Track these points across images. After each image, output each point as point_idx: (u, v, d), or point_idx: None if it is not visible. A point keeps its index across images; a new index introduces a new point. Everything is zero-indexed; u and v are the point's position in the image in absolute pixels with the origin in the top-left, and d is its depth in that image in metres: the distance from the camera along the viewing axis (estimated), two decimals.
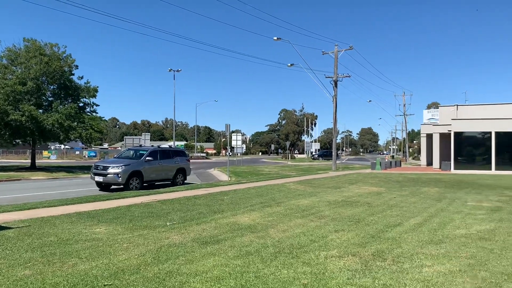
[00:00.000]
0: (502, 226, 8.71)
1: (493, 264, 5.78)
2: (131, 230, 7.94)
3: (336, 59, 34.64)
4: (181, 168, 20.12)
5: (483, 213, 10.67)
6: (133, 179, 17.12)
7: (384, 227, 8.55)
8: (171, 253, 6.25)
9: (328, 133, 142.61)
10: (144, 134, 41.71)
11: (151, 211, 10.35)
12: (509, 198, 14.11)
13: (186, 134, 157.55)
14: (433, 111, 52.02)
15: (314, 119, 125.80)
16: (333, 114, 35.38)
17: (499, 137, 30.37)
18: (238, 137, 35.75)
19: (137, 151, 19.24)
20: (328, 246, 6.84)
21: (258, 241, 7.13)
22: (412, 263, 5.86)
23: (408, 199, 13.70)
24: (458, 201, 13.10)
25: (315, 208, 11.22)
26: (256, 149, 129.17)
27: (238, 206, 11.50)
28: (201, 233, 7.76)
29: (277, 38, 30.90)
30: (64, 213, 9.91)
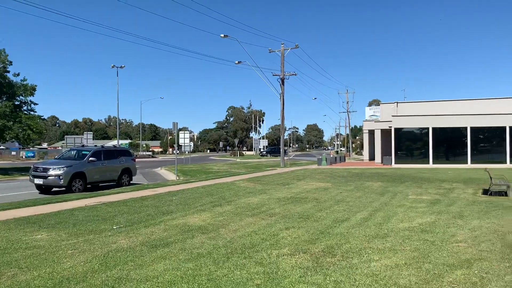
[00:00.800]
0: (441, 218, 9.20)
1: (435, 256, 6.08)
2: (76, 236, 7.58)
3: (283, 57, 35.06)
4: (126, 168, 19.53)
5: (424, 206, 11.22)
6: (76, 181, 16.39)
7: (332, 223, 8.76)
8: (119, 258, 6.03)
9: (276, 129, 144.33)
10: (86, 133, 40.14)
11: (96, 215, 9.94)
12: (446, 190, 14.95)
13: (130, 132, 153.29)
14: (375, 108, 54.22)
15: (262, 116, 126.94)
16: (280, 112, 35.81)
17: (436, 132, 32.11)
18: (185, 135, 35.17)
19: (80, 151, 18.44)
20: (279, 244, 6.90)
21: (210, 242, 7.06)
22: (361, 258, 6.04)
23: (353, 193, 14.14)
24: (400, 195, 13.70)
25: (265, 206, 11.29)
26: (204, 146, 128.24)
27: (187, 206, 11.33)
28: (150, 236, 7.56)
29: (224, 35, 30.78)
30: (1, 219, 9.29)
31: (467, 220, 8.96)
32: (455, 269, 5.47)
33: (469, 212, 10.01)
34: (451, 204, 11.54)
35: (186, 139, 34.97)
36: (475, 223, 8.60)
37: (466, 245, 6.75)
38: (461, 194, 13.92)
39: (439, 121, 32.22)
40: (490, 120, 31.40)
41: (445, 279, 5.06)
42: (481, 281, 4.99)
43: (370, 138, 44.36)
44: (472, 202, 11.92)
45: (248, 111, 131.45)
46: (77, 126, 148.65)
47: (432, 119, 32.40)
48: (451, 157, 32.43)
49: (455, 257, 6.04)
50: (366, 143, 46.32)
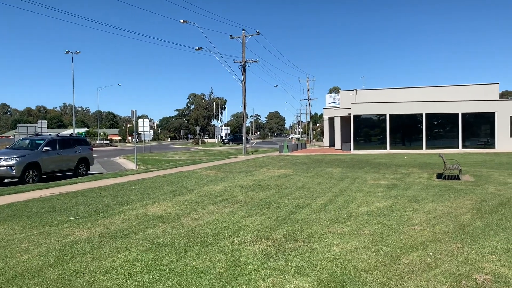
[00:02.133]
0: (398, 202, 9.50)
1: (393, 239, 6.28)
2: (30, 228, 7.28)
3: (244, 44, 34.86)
4: (83, 157, 18.93)
5: (381, 190, 11.55)
6: (29, 171, 15.73)
7: (294, 209, 8.86)
8: (76, 250, 5.85)
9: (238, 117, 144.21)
10: (41, 121, 38.58)
11: (52, 206, 9.59)
12: (403, 175, 15.45)
13: (87, 120, 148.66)
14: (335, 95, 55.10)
15: (224, 103, 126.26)
16: (242, 99, 35.73)
17: (392, 119, 33.05)
18: (145, 123, 34.53)
19: (33, 140, 17.67)
20: (242, 231, 6.91)
21: (171, 231, 6.96)
22: (321, 243, 6.14)
23: (314, 180, 14.35)
24: (359, 180, 14.03)
25: (227, 194, 11.27)
26: (164, 134, 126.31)
27: (148, 196, 11.13)
28: (109, 227, 7.37)
29: (183, 20, 30.18)
30: None
31: (422, 204, 9.30)
32: (411, 251, 5.66)
33: (424, 196, 10.39)
34: (407, 188, 11.94)
35: (145, 127, 34.33)
36: (430, 206, 8.94)
37: (422, 227, 7.01)
38: (416, 178, 14.42)
39: (396, 108, 33.16)
40: (444, 107, 32.63)
41: (402, 261, 5.23)
42: (436, 262, 5.20)
43: (330, 125, 45.11)
44: (427, 186, 12.38)
45: (210, 99, 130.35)
46: (30, 114, 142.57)
47: (389, 106, 33.30)
48: (407, 142, 33.52)
49: (411, 239, 6.25)
50: (326, 130, 47.09)
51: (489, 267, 5.01)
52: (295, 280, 4.63)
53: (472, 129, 32.64)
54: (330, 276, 4.74)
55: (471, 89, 35.88)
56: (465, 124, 32.30)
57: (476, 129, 32.77)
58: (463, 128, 32.24)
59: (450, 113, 32.51)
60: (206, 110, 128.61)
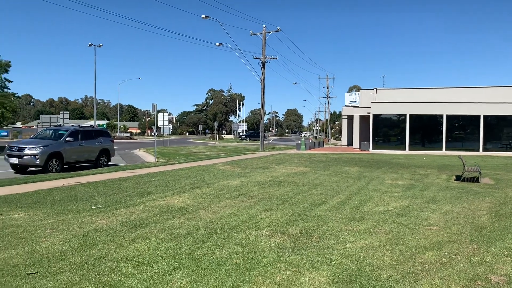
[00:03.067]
0: (415, 203, 9.49)
1: (409, 238, 6.31)
2: (54, 215, 7.54)
3: (264, 40, 34.90)
4: (104, 149, 19.31)
5: (399, 190, 11.53)
6: (52, 161, 16.15)
7: (310, 206, 8.94)
8: (98, 238, 6.05)
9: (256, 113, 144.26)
10: (63, 112, 39.39)
11: (74, 195, 9.88)
12: (421, 176, 15.35)
13: (108, 113, 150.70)
14: (354, 94, 54.69)
15: (242, 99, 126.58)
16: (260, 95, 35.80)
17: (412, 119, 32.71)
18: (164, 117, 34.98)
19: (57, 131, 18.11)
20: (258, 225, 7.03)
21: (189, 223, 7.13)
22: (337, 239, 6.22)
23: (331, 178, 14.38)
24: (376, 180, 14.01)
25: (244, 189, 11.40)
26: (183, 129, 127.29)
27: (167, 188, 11.34)
28: (129, 216, 7.58)
29: (205, 16, 30.36)
30: None
31: (439, 205, 9.26)
32: (426, 250, 5.69)
33: (442, 197, 10.34)
34: (425, 189, 11.89)
35: (165, 121, 34.77)
36: (447, 208, 8.91)
37: (438, 228, 7.01)
38: (435, 179, 14.32)
39: (416, 108, 32.81)
40: (465, 109, 32.15)
41: (417, 260, 5.28)
42: (451, 262, 5.22)
43: (349, 123, 44.86)
44: (445, 187, 12.30)
45: (228, 94, 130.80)
46: (53, 105, 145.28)
47: (409, 106, 32.96)
48: (426, 144, 33.15)
49: (427, 239, 6.28)
50: (345, 128, 46.83)
51: (504, 268, 5.02)
52: (310, 274, 4.73)
53: (493, 132, 32.08)
54: (345, 272, 4.82)
55: (494, 91, 35.18)
56: (487, 127, 31.75)
57: (498, 132, 32.19)
58: (485, 131, 31.70)
59: (471, 115, 32.01)
60: (224, 106, 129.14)
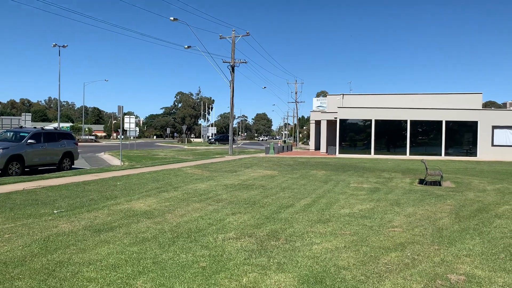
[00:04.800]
0: (380, 205, 9.70)
1: (373, 240, 6.44)
2: (13, 220, 7.26)
3: (233, 44, 34.94)
4: (68, 151, 18.79)
5: (364, 193, 11.75)
6: (13, 164, 15.58)
7: (278, 209, 8.98)
8: (60, 242, 5.87)
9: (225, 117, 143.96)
10: (25, 114, 38.12)
11: (36, 199, 9.55)
12: (385, 179, 15.71)
13: (72, 115, 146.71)
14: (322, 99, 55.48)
15: (211, 103, 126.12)
16: (230, 99, 35.79)
17: (378, 124, 33.48)
18: (131, 120, 34.31)
19: (18, 133, 17.47)
20: (225, 228, 7.00)
21: (155, 226, 7.02)
22: (303, 241, 6.27)
23: (298, 181, 14.50)
24: (342, 183, 14.23)
25: (212, 192, 11.33)
26: (150, 132, 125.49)
27: (132, 191, 11.14)
28: (93, 220, 7.39)
29: (174, 18, 30.09)
30: None
31: (403, 207, 9.50)
32: (390, 251, 5.82)
33: (406, 200, 10.61)
34: (390, 192, 12.17)
35: (131, 123, 34.10)
36: (410, 210, 9.15)
37: (401, 230, 7.19)
38: (399, 183, 14.68)
39: (382, 113, 33.60)
40: (428, 114, 33.18)
41: (381, 261, 5.39)
42: (413, 262, 5.36)
43: (316, 128, 45.43)
44: (408, 190, 12.63)
45: (197, 98, 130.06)
46: (14, 106, 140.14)
47: (375, 111, 33.72)
48: (391, 148, 33.97)
49: (391, 240, 6.42)
50: (313, 133, 47.40)
51: (463, 268, 5.19)
52: (276, 276, 4.74)
53: (455, 137, 33.24)
54: (311, 273, 4.86)
55: (455, 98, 36.52)
56: (449, 132, 32.88)
57: (459, 137, 33.38)
58: (447, 136, 32.81)
59: (434, 120, 33.06)
60: (193, 109, 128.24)
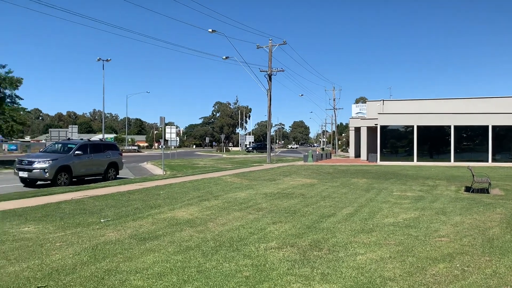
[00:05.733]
0: (425, 214, 9.41)
1: (419, 250, 6.25)
2: (63, 228, 7.57)
3: (270, 53, 35.12)
4: (113, 162, 19.42)
5: (408, 202, 11.44)
6: (61, 174, 16.27)
7: (319, 218, 8.89)
8: (108, 250, 6.06)
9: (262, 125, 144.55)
10: (71, 126, 39.73)
11: (83, 208, 9.92)
12: (430, 187, 15.23)
13: (115, 126, 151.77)
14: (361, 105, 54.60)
15: (248, 112, 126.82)
16: (267, 107, 35.90)
17: (420, 130, 32.59)
18: (172, 130, 35.05)
19: (66, 144, 18.26)
20: (267, 238, 7.00)
21: (198, 235, 7.12)
22: (347, 251, 6.17)
23: (339, 190, 14.31)
24: (385, 191, 13.91)
25: (252, 201, 11.38)
26: (190, 142, 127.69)
27: (175, 200, 11.35)
28: (138, 229, 7.58)
29: (212, 30, 30.67)
30: None
31: (449, 216, 9.17)
32: (438, 262, 5.63)
33: (452, 209, 10.24)
34: (435, 200, 11.78)
35: (172, 133, 34.82)
36: (458, 219, 8.82)
37: (449, 239, 6.94)
38: (444, 191, 14.19)
39: (424, 119, 32.70)
40: (473, 119, 31.98)
41: (428, 272, 5.22)
42: (463, 274, 5.16)
43: (356, 135, 44.75)
44: (455, 198, 12.18)
45: (235, 107, 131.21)
46: (61, 119, 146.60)
47: (417, 117, 32.86)
48: (435, 155, 32.95)
49: (438, 251, 6.21)
50: (352, 140, 46.72)
51: None
52: (320, 287, 4.69)
53: (502, 143, 31.84)
54: (356, 284, 4.77)
55: (502, 102, 34.93)
56: (496, 137, 31.53)
57: (507, 142, 31.94)
58: (494, 141, 31.48)
59: (480, 125, 31.83)
60: (231, 118, 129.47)
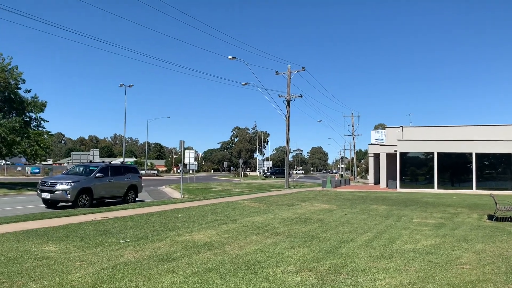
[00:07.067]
0: (446, 241, 9.23)
1: (440, 277, 6.13)
2: (83, 248, 7.69)
3: (289, 79, 35.49)
4: (132, 185, 19.67)
5: (428, 229, 11.24)
6: (82, 196, 16.55)
7: (338, 243, 8.81)
8: (127, 270, 6.12)
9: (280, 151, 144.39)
10: (93, 150, 40.57)
11: (103, 229, 10.05)
12: (451, 215, 14.93)
13: (135, 150, 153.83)
14: (380, 131, 54.26)
15: (266, 137, 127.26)
16: (285, 133, 36.02)
17: (440, 157, 32.12)
18: (191, 154, 35.41)
19: (87, 167, 18.63)
20: (284, 261, 6.97)
21: (216, 258, 7.13)
22: (366, 276, 6.09)
23: (358, 216, 14.16)
24: (405, 218, 13.70)
25: (270, 225, 11.35)
26: (208, 166, 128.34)
27: (193, 223, 11.41)
28: (156, 250, 7.65)
29: (232, 57, 31.23)
30: (10, 231, 9.43)
31: (471, 244, 8.98)
32: None
33: (474, 236, 10.02)
34: (456, 228, 11.55)
35: (191, 158, 35.18)
36: (480, 247, 8.62)
37: (471, 267, 6.79)
38: (466, 218, 13.90)
39: (444, 146, 32.27)
40: (495, 147, 31.40)
41: None
42: None
43: (375, 161, 44.35)
44: (477, 226, 11.92)
45: (253, 132, 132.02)
46: (83, 143, 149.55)
47: (437, 144, 32.46)
48: (456, 182, 32.33)
49: (460, 278, 6.08)
50: (371, 166, 46.28)
51: None
52: None
53: None
54: None
55: None
56: None
57: None
58: None
59: (502, 153, 31.20)
60: (249, 143, 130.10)
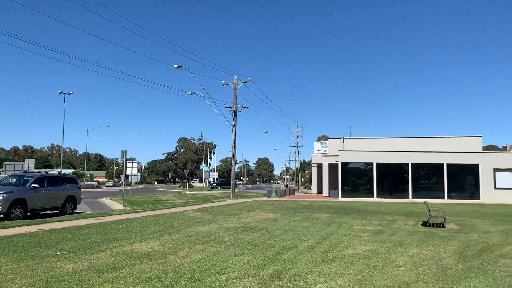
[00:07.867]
0: (383, 246, 9.65)
1: (377, 279, 6.41)
2: (16, 261, 7.25)
3: (236, 90, 35.74)
4: (71, 196, 18.84)
5: (367, 235, 11.70)
6: (15, 208, 15.60)
7: (281, 250, 8.94)
8: (64, 282, 5.86)
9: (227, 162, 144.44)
10: (28, 160, 38.52)
11: (38, 241, 9.53)
12: (389, 222, 15.63)
13: (74, 161, 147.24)
14: (323, 143, 55.94)
15: (213, 148, 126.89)
16: (232, 144, 36.12)
17: (379, 168, 33.60)
18: (133, 165, 34.48)
19: (21, 177, 17.61)
20: (228, 269, 6.97)
21: (158, 267, 7.00)
22: (307, 281, 6.24)
23: (301, 224, 14.44)
24: (345, 225, 14.16)
25: (215, 235, 11.30)
26: (152, 178, 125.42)
27: (134, 234, 11.11)
28: (96, 261, 7.37)
29: (178, 66, 30.96)
30: None
31: (407, 248, 9.45)
32: None
33: (409, 241, 10.56)
34: (393, 234, 12.11)
35: (133, 168, 34.23)
36: (414, 250, 9.10)
37: (405, 269, 7.15)
38: (402, 225, 14.60)
39: (383, 157, 33.79)
40: (429, 157, 33.35)
41: None
42: None
43: (318, 172, 45.50)
44: (412, 232, 12.56)
45: (199, 143, 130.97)
46: (17, 153, 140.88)
47: (376, 154, 33.94)
48: (394, 192, 33.89)
49: (395, 279, 6.39)
50: (315, 176, 47.42)
51: None
52: None
53: (457, 180, 33.21)
54: None
55: (456, 141, 36.89)
56: (450, 175, 32.89)
57: (461, 180, 33.35)
58: (449, 179, 32.80)
59: (435, 163, 33.18)
60: (195, 154, 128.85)
